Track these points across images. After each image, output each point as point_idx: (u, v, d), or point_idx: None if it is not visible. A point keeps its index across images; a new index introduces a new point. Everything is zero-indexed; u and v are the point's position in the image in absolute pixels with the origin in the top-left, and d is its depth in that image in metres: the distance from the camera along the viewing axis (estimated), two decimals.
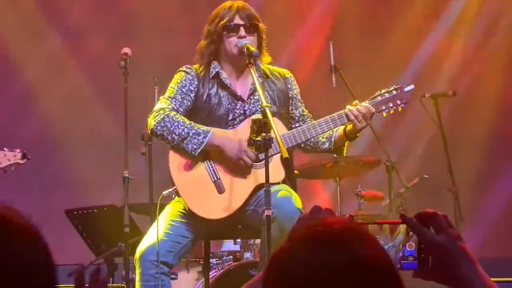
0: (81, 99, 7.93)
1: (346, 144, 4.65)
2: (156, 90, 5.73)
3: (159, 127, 4.46)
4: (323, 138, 4.63)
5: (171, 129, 4.43)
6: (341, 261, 1.47)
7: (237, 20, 4.55)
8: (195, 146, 4.42)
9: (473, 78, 8.36)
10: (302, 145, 4.65)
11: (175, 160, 4.52)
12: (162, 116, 4.46)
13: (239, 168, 4.48)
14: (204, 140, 4.41)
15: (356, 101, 4.55)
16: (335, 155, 5.55)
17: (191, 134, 4.41)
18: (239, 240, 5.90)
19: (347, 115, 4.46)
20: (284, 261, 1.50)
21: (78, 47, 7.95)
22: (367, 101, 4.54)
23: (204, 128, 4.45)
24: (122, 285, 4.80)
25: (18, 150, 5.14)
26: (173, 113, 4.47)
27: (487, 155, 8.28)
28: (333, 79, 5.15)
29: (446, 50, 8.40)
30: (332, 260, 1.47)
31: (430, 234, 1.72)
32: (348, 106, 4.49)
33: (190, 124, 4.44)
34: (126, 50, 4.98)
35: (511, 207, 8.16)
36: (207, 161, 4.50)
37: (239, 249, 5.97)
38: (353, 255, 1.48)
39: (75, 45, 7.95)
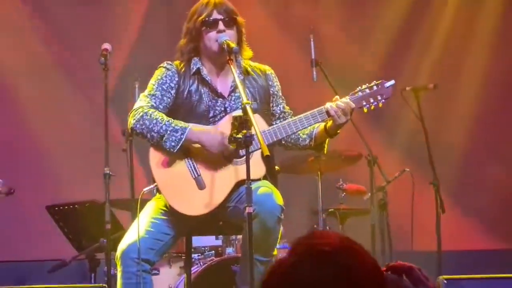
0: (60, 95, 7.87)
1: (327, 141, 4.62)
2: (136, 86, 5.70)
3: (138, 126, 4.42)
4: (303, 134, 4.61)
5: (150, 127, 4.40)
6: (337, 275, 1.65)
7: (215, 15, 4.52)
8: (173, 144, 4.38)
9: (453, 71, 8.38)
10: (283, 142, 4.64)
11: (155, 157, 4.49)
12: (141, 114, 4.42)
13: (219, 164, 4.46)
14: (182, 136, 4.38)
15: (337, 96, 4.52)
16: (315, 153, 5.53)
17: (168, 131, 4.38)
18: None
19: (327, 111, 4.43)
20: (288, 274, 1.67)
21: (58, 42, 7.90)
22: (347, 97, 4.50)
23: (182, 124, 4.41)
24: (103, 285, 4.77)
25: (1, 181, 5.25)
26: (151, 110, 4.44)
27: (469, 148, 8.32)
28: (314, 73, 5.11)
29: (427, 43, 8.41)
30: (329, 274, 1.65)
31: (409, 286, 1.81)
32: (328, 102, 4.47)
33: (168, 121, 4.41)
34: (106, 45, 4.89)
35: (494, 199, 8.19)
36: (188, 157, 4.47)
37: (221, 244, 5.96)
38: (348, 270, 1.66)
39: (55, 41, 7.90)
